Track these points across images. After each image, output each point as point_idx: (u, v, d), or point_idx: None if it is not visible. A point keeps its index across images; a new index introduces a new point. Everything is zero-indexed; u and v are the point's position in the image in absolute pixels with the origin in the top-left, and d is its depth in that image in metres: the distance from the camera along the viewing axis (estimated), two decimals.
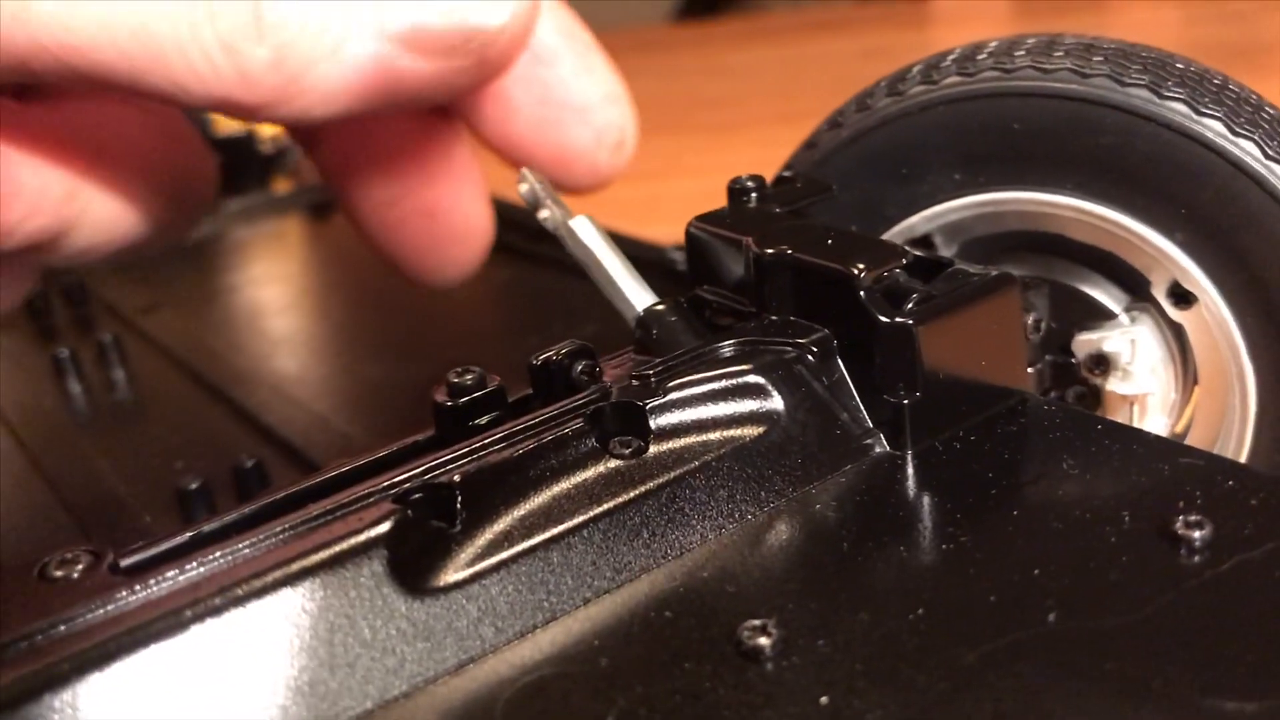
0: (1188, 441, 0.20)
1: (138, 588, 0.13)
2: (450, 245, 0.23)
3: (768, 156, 0.57)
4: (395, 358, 0.28)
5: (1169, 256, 0.19)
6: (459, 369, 0.17)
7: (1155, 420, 0.20)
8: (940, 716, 0.12)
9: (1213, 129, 0.18)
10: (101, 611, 0.13)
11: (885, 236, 0.21)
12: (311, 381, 0.27)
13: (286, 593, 0.13)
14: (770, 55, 0.77)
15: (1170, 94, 0.18)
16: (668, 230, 0.29)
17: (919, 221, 0.21)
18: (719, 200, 0.20)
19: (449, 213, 0.23)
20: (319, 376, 0.27)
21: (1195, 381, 0.20)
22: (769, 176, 0.21)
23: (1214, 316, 0.19)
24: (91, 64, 0.18)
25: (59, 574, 0.14)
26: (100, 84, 0.18)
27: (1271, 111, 0.19)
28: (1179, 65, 0.19)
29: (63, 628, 0.13)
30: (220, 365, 0.28)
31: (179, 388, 0.28)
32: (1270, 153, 0.18)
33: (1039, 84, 0.19)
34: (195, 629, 0.13)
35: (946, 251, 0.21)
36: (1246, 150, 0.18)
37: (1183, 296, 0.19)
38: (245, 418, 0.25)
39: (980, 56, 0.20)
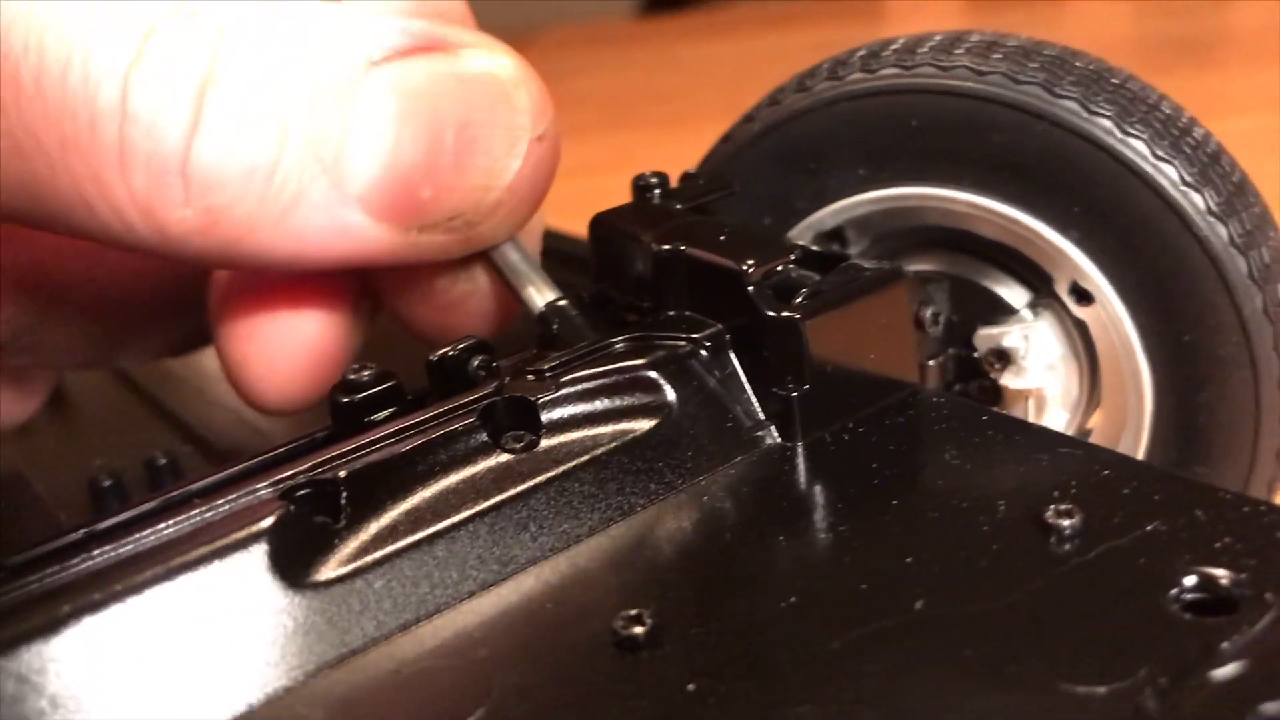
0: (1093, 438, 0.21)
1: (19, 585, 0.13)
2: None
3: None
4: None
5: (1066, 255, 0.19)
6: (356, 365, 0.17)
7: (1055, 415, 0.21)
8: (801, 701, 0.12)
9: (1102, 127, 0.18)
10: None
11: (796, 229, 0.21)
12: None
13: (169, 588, 0.13)
14: (723, 50, 0.78)
15: (1063, 92, 0.19)
16: None
17: (827, 215, 0.21)
18: None
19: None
20: None
21: (1097, 379, 0.21)
22: None
23: (1110, 315, 0.20)
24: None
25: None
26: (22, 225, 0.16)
27: (1167, 111, 0.19)
28: (1078, 64, 0.20)
29: None
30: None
31: (102, 384, 0.28)
32: (1159, 152, 0.18)
33: (936, 81, 0.19)
34: (74, 625, 0.13)
35: (858, 246, 0.22)
36: (1135, 149, 0.18)
37: (1084, 294, 0.20)
38: (165, 414, 0.25)
39: (884, 53, 0.20)
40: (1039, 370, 0.20)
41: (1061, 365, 0.21)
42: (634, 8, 1.52)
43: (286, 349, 0.19)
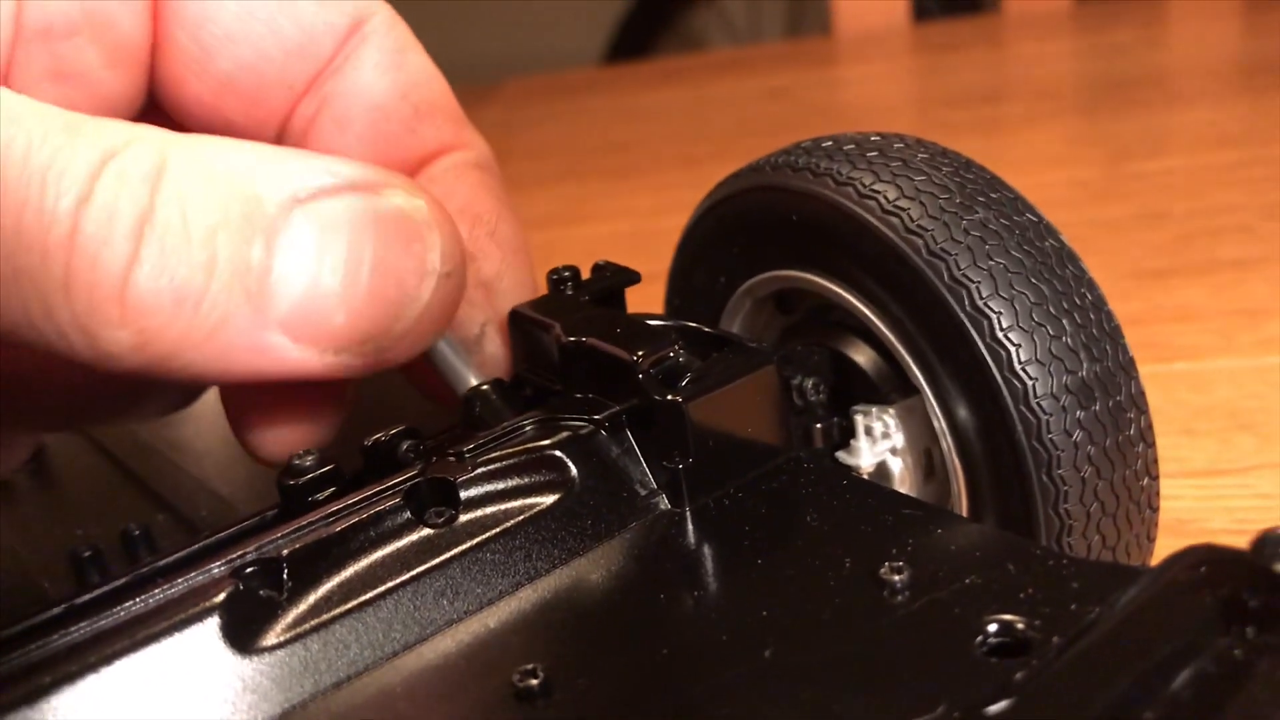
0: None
1: (8, 658, 0.16)
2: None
3: (666, 200, 0.60)
4: None
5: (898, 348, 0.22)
6: (300, 452, 0.19)
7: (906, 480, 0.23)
8: None
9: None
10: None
11: (736, 293, 0.24)
12: (200, 449, 0.29)
13: (136, 659, 0.16)
14: (680, 97, 0.80)
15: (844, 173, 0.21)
16: None
17: (758, 283, 0.23)
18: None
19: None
20: (208, 444, 0.30)
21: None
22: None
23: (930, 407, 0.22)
24: None
25: None
26: None
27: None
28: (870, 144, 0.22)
29: None
30: (119, 433, 0.30)
31: (81, 453, 0.30)
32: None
33: (793, 184, 0.22)
34: (56, 694, 0.15)
35: (781, 309, 0.24)
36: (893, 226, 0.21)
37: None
38: (138, 483, 0.28)
39: (799, 148, 0.23)
40: (885, 453, 0.22)
41: (914, 425, 0.23)
42: (598, 57, 1.54)
43: (283, 414, 0.21)
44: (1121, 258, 0.46)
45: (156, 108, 0.23)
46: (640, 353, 0.19)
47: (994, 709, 0.14)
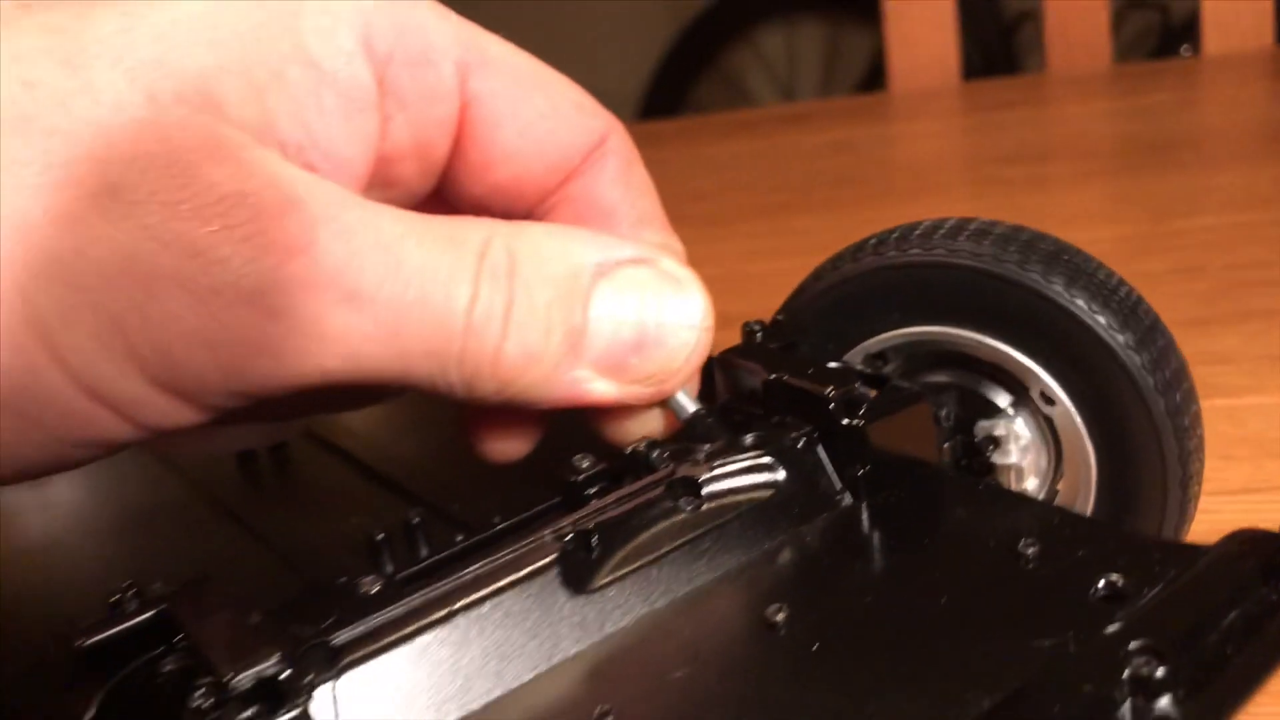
0: (1058, 500, 0.30)
1: (404, 599, 0.23)
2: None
3: (750, 247, 0.67)
4: None
5: (1035, 373, 0.29)
6: (579, 456, 0.26)
7: (1030, 483, 0.30)
8: (876, 652, 0.22)
9: (1055, 290, 0.28)
10: (391, 612, 0.22)
11: (849, 354, 0.31)
12: (438, 462, 0.36)
13: (499, 599, 0.23)
14: (750, 149, 0.88)
15: (1030, 268, 0.28)
16: None
17: (873, 344, 0.31)
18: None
19: None
20: (447, 458, 0.36)
21: (1061, 456, 0.30)
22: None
23: (1067, 412, 0.29)
24: (364, 381, 0.23)
25: (359, 587, 0.23)
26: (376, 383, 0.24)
27: (1101, 276, 0.29)
28: (1042, 245, 0.29)
29: (377, 617, 0.22)
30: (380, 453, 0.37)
31: (342, 474, 0.37)
32: (1094, 307, 0.28)
33: (946, 259, 0.29)
34: (444, 625, 0.22)
35: (895, 362, 0.31)
36: (1079, 305, 0.28)
37: (1048, 399, 0.29)
38: (397, 488, 0.35)
39: (911, 236, 0.30)
40: (1018, 451, 0.30)
41: (1034, 448, 0.30)
42: (639, 94, 1.61)
43: (516, 429, 0.28)
44: (1164, 307, 0.53)
45: (435, 197, 0.30)
46: (830, 389, 0.26)
47: (1109, 629, 0.21)
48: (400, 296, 0.23)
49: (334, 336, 0.22)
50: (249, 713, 0.19)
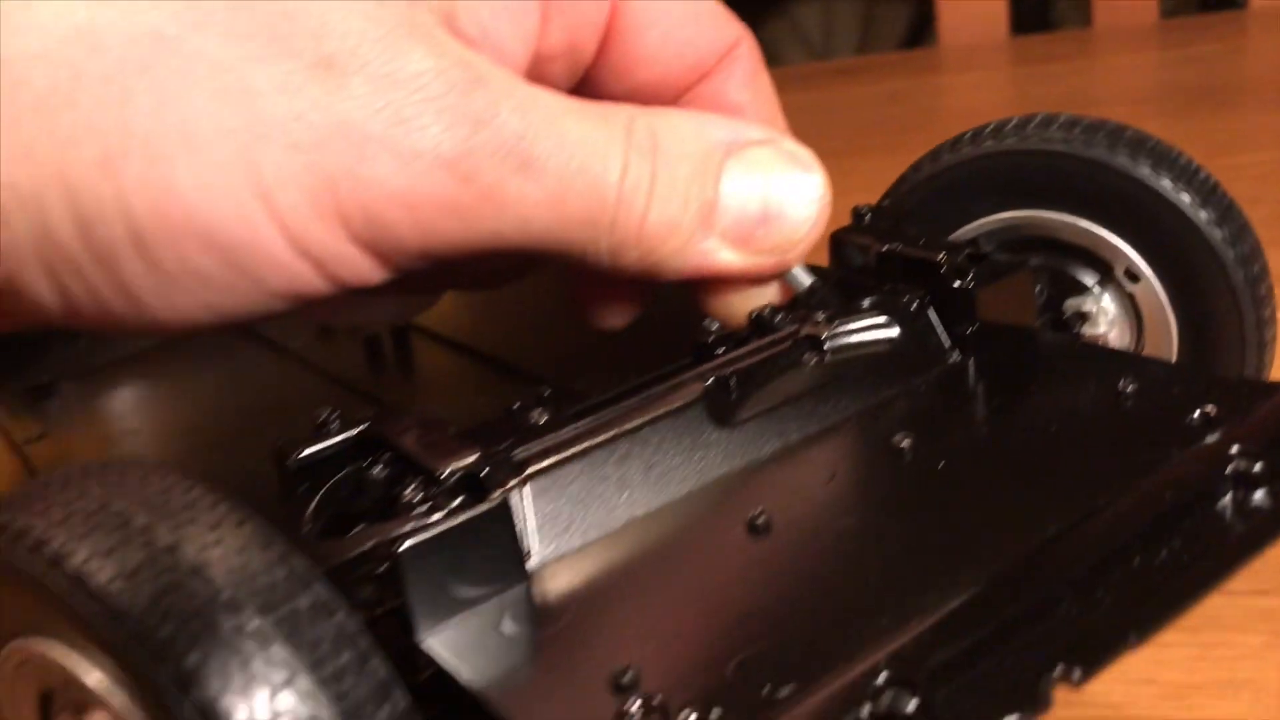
0: None
1: (570, 426, 0.25)
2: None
3: None
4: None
5: (1122, 251, 0.31)
6: (707, 320, 0.29)
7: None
8: (997, 469, 0.24)
9: (1143, 173, 0.30)
10: (560, 435, 0.25)
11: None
12: (550, 348, 0.39)
13: (654, 426, 0.25)
14: (803, 100, 0.90)
15: (1118, 151, 0.31)
16: None
17: (968, 230, 0.33)
18: None
19: None
20: (557, 345, 0.39)
21: (1143, 329, 0.33)
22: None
23: (1152, 288, 0.32)
24: (529, 247, 0.26)
25: (530, 417, 0.26)
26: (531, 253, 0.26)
27: (1183, 161, 0.31)
28: (1126, 133, 0.32)
29: (549, 439, 0.25)
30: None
31: (463, 362, 0.40)
32: (1179, 187, 0.30)
33: (1040, 146, 0.31)
34: (609, 445, 0.25)
35: (986, 248, 0.34)
36: (1164, 186, 0.30)
37: (1133, 276, 0.32)
38: (518, 371, 0.37)
39: (1006, 128, 0.32)
40: (1105, 324, 0.32)
41: (1118, 323, 0.33)
42: None
43: (624, 300, 0.31)
44: None
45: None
46: (942, 255, 0.29)
47: (1209, 439, 0.23)
48: (565, 166, 0.26)
49: (510, 202, 0.25)
50: (456, 503, 0.22)
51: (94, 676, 0.19)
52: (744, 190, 0.28)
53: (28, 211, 0.23)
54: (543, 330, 0.41)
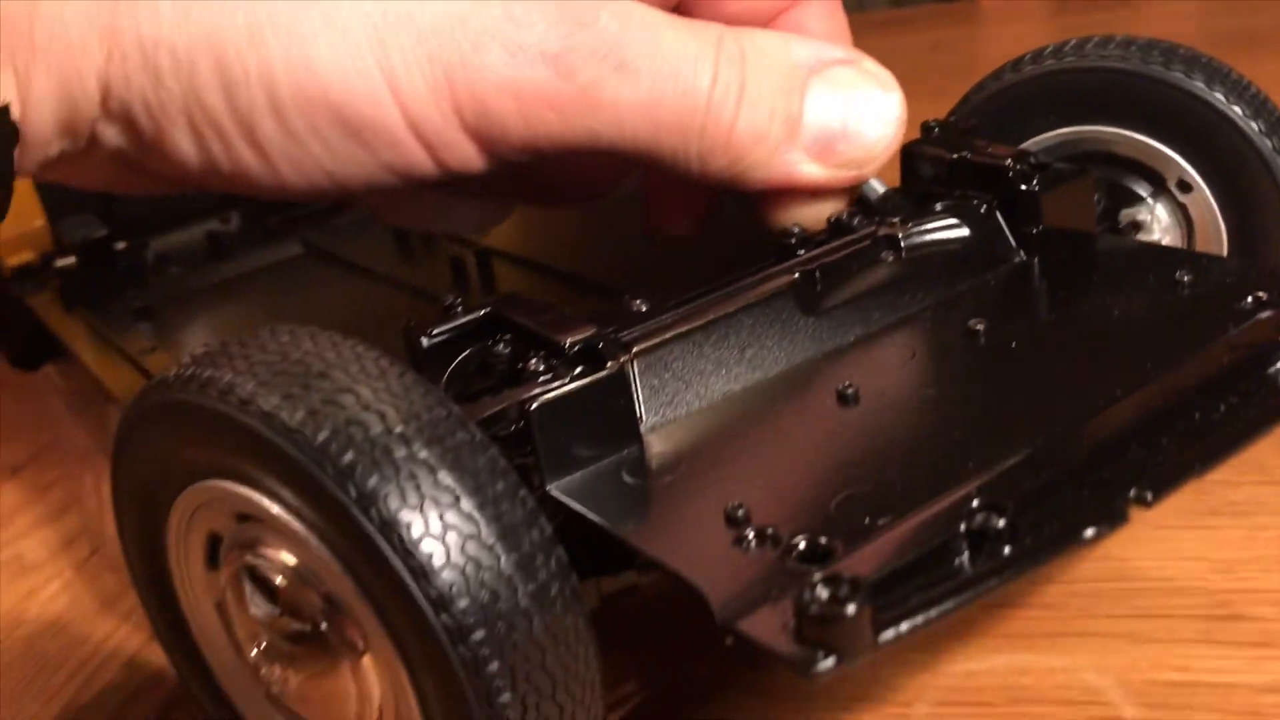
0: None
1: (673, 313, 0.28)
2: None
3: None
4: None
5: (1175, 161, 0.33)
6: (789, 226, 0.31)
7: None
8: (1065, 347, 0.26)
9: (1197, 87, 0.32)
10: (661, 320, 0.27)
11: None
12: (629, 267, 0.41)
13: (748, 311, 0.28)
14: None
15: (1174, 67, 0.33)
16: None
17: (1029, 145, 0.35)
18: None
19: None
20: (635, 264, 0.42)
21: (1193, 238, 0.35)
22: None
23: (1203, 198, 0.34)
24: (622, 149, 0.28)
25: (633, 306, 0.28)
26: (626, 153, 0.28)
27: (1235, 76, 0.33)
28: (1180, 50, 0.34)
29: (651, 323, 0.27)
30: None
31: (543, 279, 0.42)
32: (1231, 99, 0.32)
33: (1098, 63, 0.33)
34: (706, 328, 0.27)
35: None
36: (1217, 98, 0.32)
37: (1185, 187, 0.34)
38: (598, 286, 0.40)
39: (1065, 48, 0.34)
40: (1159, 232, 0.34)
41: (1170, 231, 0.35)
42: None
43: (690, 214, 0.34)
44: None
45: None
46: (1009, 162, 0.31)
47: (1261, 315, 0.25)
48: (659, 70, 0.28)
49: (607, 102, 0.28)
50: (578, 370, 0.25)
51: (275, 509, 0.22)
52: (826, 106, 0.30)
53: (181, 72, 0.26)
54: (616, 249, 0.43)
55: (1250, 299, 0.27)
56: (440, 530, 0.20)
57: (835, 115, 0.30)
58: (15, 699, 0.35)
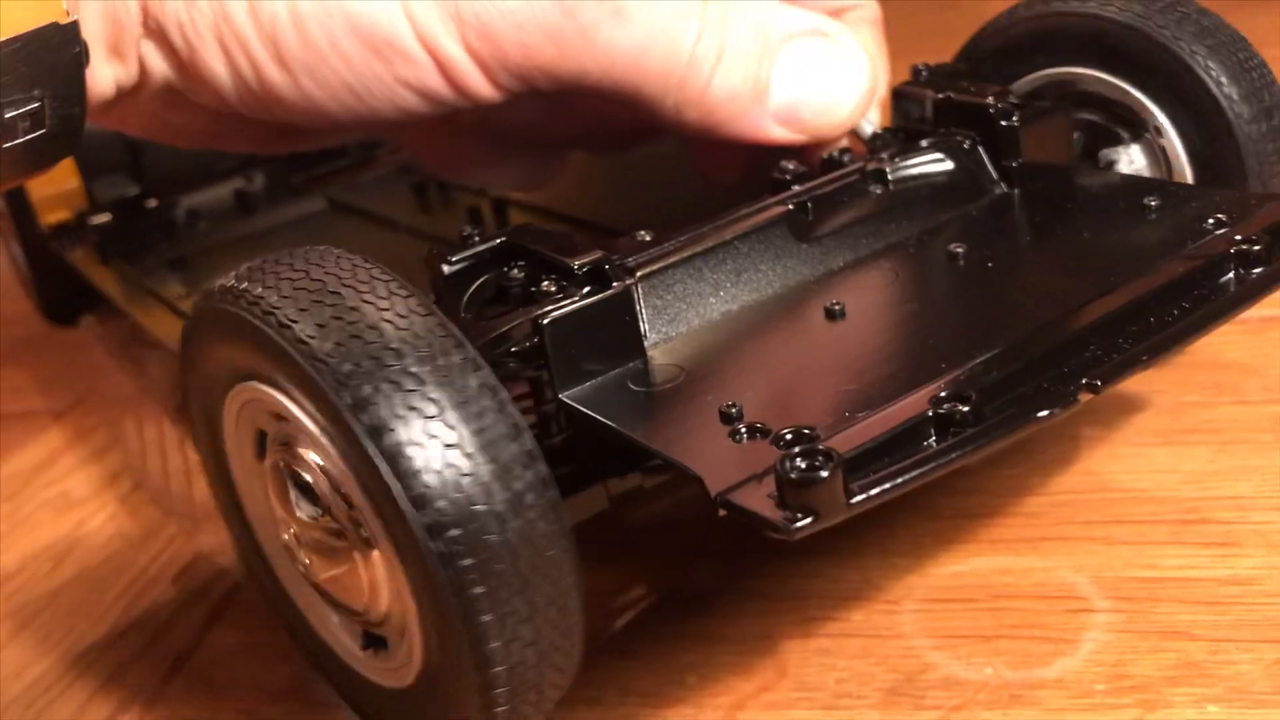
0: None
1: (674, 242, 0.30)
2: None
3: None
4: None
5: (1149, 108, 0.35)
6: (784, 160, 0.33)
7: None
8: (1040, 266, 0.28)
9: (1167, 35, 0.34)
10: (664, 248, 0.30)
11: None
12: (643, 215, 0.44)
13: (743, 238, 0.30)
14: (896, 7, 0.93)
15: (1148, 16, 0.35)
16: None
17: (1030, 80, 0.37)
18: None
19: None
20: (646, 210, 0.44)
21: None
22: None
23: (1171, 141, 0.35)
24: (608, 92, 0.30)
25: (638, 235, 0.30)
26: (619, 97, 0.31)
27: (1206, 22, 0.35)
28: (1180, 6, 0.35)
29: (654, 250, 0.29)
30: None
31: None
32: (1197, 52, 0.34)
33: (1091, 10, 0.35)
34: (705, 254, 0.29)
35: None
36: (1184, 49, 0.34)
37: (1159, 131, 0.36)
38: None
39: None
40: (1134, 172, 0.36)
41: (1146, 171, 0.37)
42: None
43: (729, 162, 0.36)
44: None
45: None
46: (989, 98, 0.33)
47: (1218, 232, 0.27)
48: (651, 22, 0.30)
49: (601, 43, 0.30)
50: (587, 289, 0.27)
51: (296, 411, 0.24)
52: (794, 76, 0.32)
53: None
54: (631, 197, 0.45)
55: (1212, 220, 0.29)
56: (424, 438, 0.22)
57: (801, 86, 0.32)
58: (68, 617, 0.37)
